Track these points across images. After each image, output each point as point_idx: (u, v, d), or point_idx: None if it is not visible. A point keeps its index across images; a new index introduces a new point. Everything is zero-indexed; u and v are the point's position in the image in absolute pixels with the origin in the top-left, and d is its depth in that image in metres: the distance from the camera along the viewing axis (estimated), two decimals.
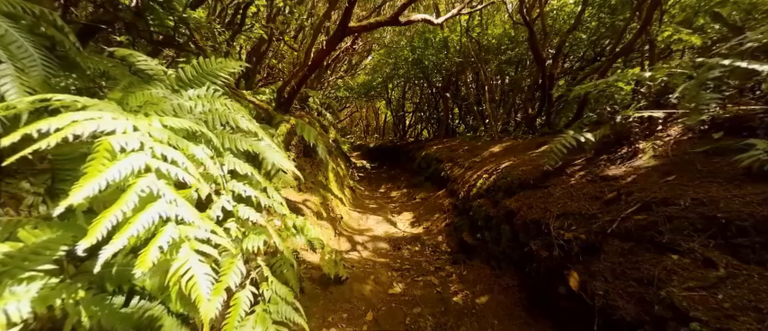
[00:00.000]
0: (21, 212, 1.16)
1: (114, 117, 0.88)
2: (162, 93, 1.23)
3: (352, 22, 3.57)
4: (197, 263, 0.84)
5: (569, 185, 2.35)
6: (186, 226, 0.88)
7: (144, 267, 0.75)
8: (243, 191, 1.21)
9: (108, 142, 0.80)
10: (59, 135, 0.75)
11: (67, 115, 0.79)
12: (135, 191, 0.79)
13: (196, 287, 0.80)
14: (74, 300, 0.92)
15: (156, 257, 0.78)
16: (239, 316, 1.05)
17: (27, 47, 1.11)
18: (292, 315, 1.19)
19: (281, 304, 1.19)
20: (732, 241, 1.40)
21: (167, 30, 2.34)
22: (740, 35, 2.12)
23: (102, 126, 0.82)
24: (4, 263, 0.92)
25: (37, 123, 0.76)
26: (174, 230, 0.84)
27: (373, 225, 4.26)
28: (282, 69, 7.40)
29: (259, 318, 1.10)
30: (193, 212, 0.91)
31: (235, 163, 1.22)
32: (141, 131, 0.90)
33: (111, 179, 0.75)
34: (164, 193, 0.85)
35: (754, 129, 1.85)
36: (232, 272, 1.01)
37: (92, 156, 0.79)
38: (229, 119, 1.22)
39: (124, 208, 0.76)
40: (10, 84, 0.95)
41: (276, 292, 1.21)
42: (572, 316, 1.78)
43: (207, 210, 1.09)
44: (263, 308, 1.14)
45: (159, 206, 0.82)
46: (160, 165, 0.86)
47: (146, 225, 0.79)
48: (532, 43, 4.91)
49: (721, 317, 1.20)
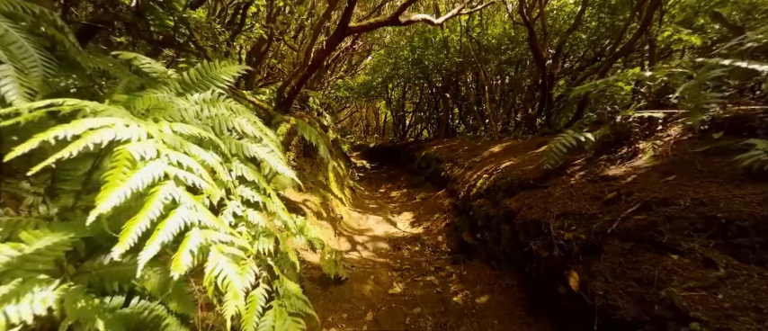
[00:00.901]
0: (21, 212, 1.16)
1: (127, 124, 0.90)
2: (168, 97, 1.25)
3: (352, 22, 3.57)
4: (227, 265, 0.89)
5: (569, 185, 2.35)
6: (209, 230, 0.92)
7: (180, 270, 0.79)
8: (251, 196, 1.25)
9: (128, 151, 0.82)
10: (79, 143, 0.77)
11: (82, 122, 0.81)
12: (158, 198, 0.82)
13: (232, 285, 0.86)
14: (73, 302, 0.92)
15: (189, 261, 0.81)
16: (257, 311, 1.14)
17: (27, 47, 1.11)
18: (304, 307, 1.30)
19: (293, 298, 1.28)
20: (732, 241, 1.40)
21: (167, 30, 2.34)
22: (740, 35, 2.12)
23: (118, 134, 0.84)
24: (5, 264, 0.92)
25: (53, 130, 0.77)
26: (200, 235, 0.88)
27: (373, 225, 4.26)
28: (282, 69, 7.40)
29: (277, 313, 1.20)
30: (212, 217, 0.94)
31: (242, 169, 1.26)
32: (155, 138, 0.92)
33: (135, 188, 0.78)
34: (184, 200, 0.88)
35: (755, 129, 1.85)
36: (247, 272, 1.07)
37: (112, 164, 0.80)
38: (235, 124, 1.25)
39: (151, 215, 0.79)
40: (11, 85, 0.95)
41: (287, 289, 1.30)
42: (572, 316, 1.78)
43: (219, 216, 1.13)
44: (278, 302, 1.23)
45: (182, 212, 0.86)
46: (177, 172, 0.89)
47: (174, 231, 0.82)
48: (532, 43, 4.92)
49: (721, 317, 1.20)
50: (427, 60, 7.34)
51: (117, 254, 0.75)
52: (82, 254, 1.18)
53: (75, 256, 1.15)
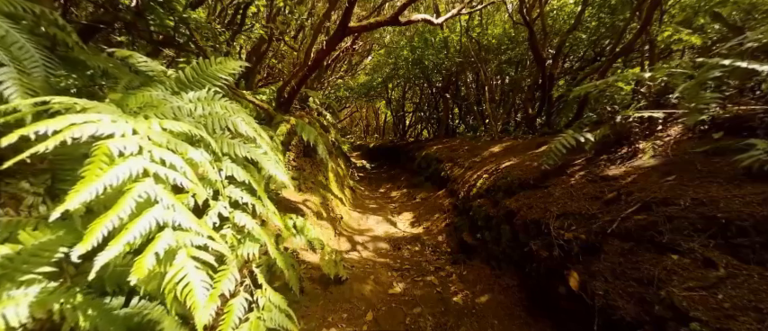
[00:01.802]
0: (21, 212, 1.15)
1: (113, 120, 0.88)
2: (162, 95, 1.23)
3: (352, 22, 3.57)
4: (193, 271, 0.84)
5: (569, 185, 2.35)
6: (184, 232, 0.88)
7: (140, 274, 0.75)
8: (240, 197, 1.20)
9: (106, 146, 0.80)
10: (57, 138, 0.74)
11: (65, 118, 0.79)
12: (131, 196, 0.78)
13: (192, 294, 0.80)
14: (72, 304, 0.91)
15: (152, 264, 0.77)
16: (233, 323, 1.06)
17: (28, 48, 1.12)
18: (285, 323, 1.20)
19: (275, 311, 1.19)
20: (732, 241, 1.40)
21: (167, 30, 2.34)
22: (740, 35, 2.12)
23: (100, 129, 0.81)
24: (4, 265, 0.91)
25: (34, 125, 0.76)
26: (171, 237, 0.84)
27: (373, 225, 4.26)
28: (282, 69, 7.40)
29: (253, 326, 1.11)
30: (191, 218, 0.90)
31: (233, 169, 1.22)
32: (140, 134, 0.90)
33: (109, 184, 0.75)
34: (161, 198, 0.84)
35: (754, 129, 1.85)
36: (226, 279, 1.01)
37: (90, 159, 0.78)
38: (229, 122, 1.21)
39: (121, 213, 0.75)
40: (12, 86, 0.95)
41: (270, 299, 1.21)
42: (572, 316, 1.78)
43: (204, 217, 1.09)
44: (257, 315, 1.15)
45: (156, 212, 0.82)
46: (158, 170, 0.85)
47: (142, 231, 0.77)
48: (532, 43, 4.91)
49: (721, 316, 1.20)
50: (427, 60, 7.34)
51: (75, 256, 0.72)
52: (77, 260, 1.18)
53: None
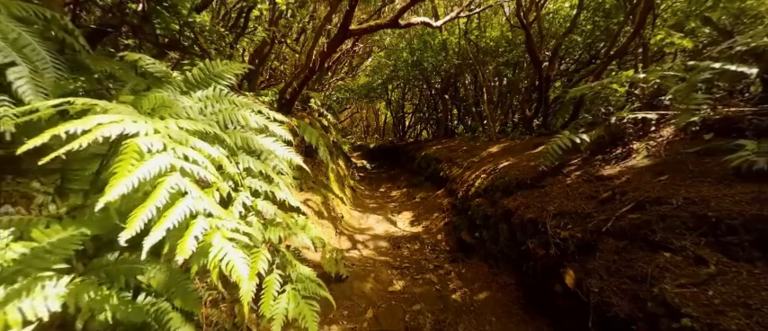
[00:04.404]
0: (32, 211, 1.19)
1: (134, 120, 0.92)
2: (172, 95, 1.27)
3: (352, 24, 3.61)
4: (232, 250, 0.90)
5: (565, 185, 2.39)
6: (215, 218, 0.94)
7: (184, 254, 0.80)
8: (259, 187, 1.29)
9: (135, 143, 0.85)
10: (89, 137, 0.79)
11: (92, 118, 0.83)
12: (165, 187, 0.84)
13: (235, 269, 0.86)
14: (89, 296, 0.95)
15: (194, 246, 0.83)
16: (273, 295, 1.18)
17: (39, 50, 1.15)
18: (318, 290, 1.34)
19: (307, 282, 1.33)
20: (722, 239, 1.43)
21: (173, 33, 2.37)
22: (730, 39, 2.17)
23: (126, 129, 0.86)
24: (19, 261, 0.95)
25: (64, 125, 0.80)
26: (205, 222, 0.90)
27: (373, 224, 4.29)
28: (284, 71, 7.43)
29: (290, 296, 1.25)
30: (218, 208, 0.96)
31: (248, 161, 1.29)
32: (161, 133, 0.95)
33: (143, 177, 0.79)
34: (190, 190, 0.90)
35: (744, 130, 1.89)
36: (260, 259, 1.10)
37: (120, 157, 0.83)
38: (239, 117, 1.27)
39: (157, 203, 0.81)
40: (26, 85, 0.98)
41: (300, 273, 1.35)
42: (568, 313, 1.81)
43: (229, 207, 1.16)
44: (292, 287, 1.29)
45: (188, 201, 0.88)
46: (183, 165, 0.91)
47: (179, 218, 0.83)
48: (529, 46, 4.98)
49: (711, 312, 1.23)
50: (426, 62, 7.40)
51: (123, 240, 0.77)
52: (90, 252, 1.21)
53: (83, 254, 1.18)
